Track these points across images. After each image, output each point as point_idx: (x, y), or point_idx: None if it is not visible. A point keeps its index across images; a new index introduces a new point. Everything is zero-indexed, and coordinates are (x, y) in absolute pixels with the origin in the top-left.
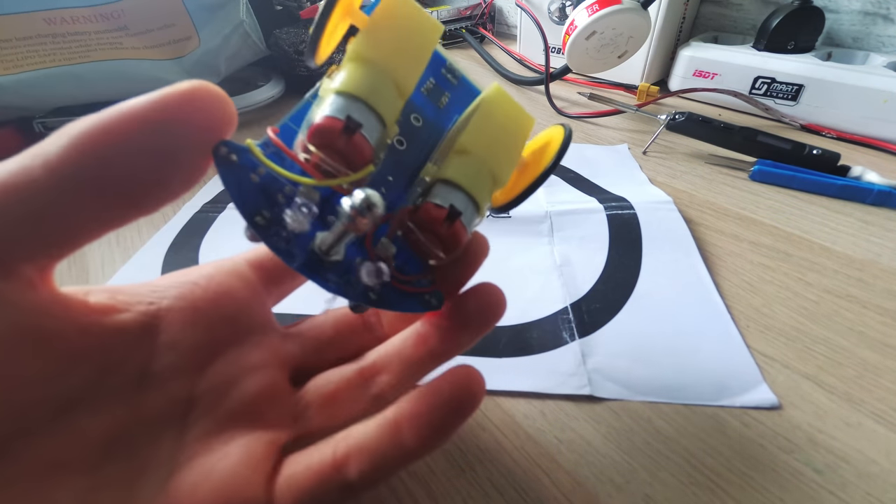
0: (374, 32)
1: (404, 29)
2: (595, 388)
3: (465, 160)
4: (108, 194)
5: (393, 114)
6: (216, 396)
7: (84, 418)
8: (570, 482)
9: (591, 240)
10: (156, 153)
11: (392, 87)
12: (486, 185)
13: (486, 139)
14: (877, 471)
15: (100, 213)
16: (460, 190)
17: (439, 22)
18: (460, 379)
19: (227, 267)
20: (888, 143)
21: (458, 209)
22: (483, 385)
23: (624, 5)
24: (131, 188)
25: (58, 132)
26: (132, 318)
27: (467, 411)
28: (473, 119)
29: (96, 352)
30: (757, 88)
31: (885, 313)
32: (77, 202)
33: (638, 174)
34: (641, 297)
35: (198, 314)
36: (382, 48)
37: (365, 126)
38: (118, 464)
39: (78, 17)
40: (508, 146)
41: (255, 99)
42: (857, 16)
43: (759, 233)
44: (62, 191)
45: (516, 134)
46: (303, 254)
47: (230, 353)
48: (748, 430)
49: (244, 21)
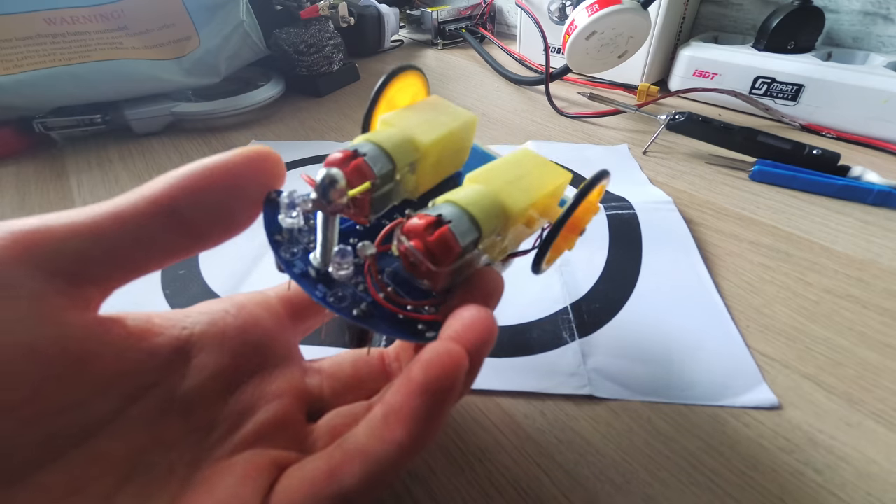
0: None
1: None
2: (595, 388)
3: (470, 186)
4: (188, 229)
5: (406, 159)
6: (233, 424)
7: (106, 443)
8: (570, 482)
9: (591, 240)
10: (235, 196)
11: (409, 142)
12: (491, 210)
13: (499, 175)
14: (877, 471)
15: (174, 244)
16: (457, 206)
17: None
18: (433, 361)
19: (258, 299)
20: (888, 143)
21: (446, 218)
22: (463, 361)
23: (624, 5)
24: (205, 226)
25: (164, 175)
26: (166, 343)
27: (447, 394)
28: (491, 162)
29: (129, 376)
30: (757, 88)
31: (885, 313)
32: (161, 231)
33: (638, 174)
34: (641, 297)
35: (227, 341)
36: (405, 119)
37: (369, 156)
38: (132, 489)
39: (78, 17)
40: (522, 184)
41: (255, 99)
42: (857, 16)
43: (759, 233)
44: (155, 219)
45: (537, 179)
46: (303, 266)
47: (253, 382)
48: (748, 430)
49: (244, 21)
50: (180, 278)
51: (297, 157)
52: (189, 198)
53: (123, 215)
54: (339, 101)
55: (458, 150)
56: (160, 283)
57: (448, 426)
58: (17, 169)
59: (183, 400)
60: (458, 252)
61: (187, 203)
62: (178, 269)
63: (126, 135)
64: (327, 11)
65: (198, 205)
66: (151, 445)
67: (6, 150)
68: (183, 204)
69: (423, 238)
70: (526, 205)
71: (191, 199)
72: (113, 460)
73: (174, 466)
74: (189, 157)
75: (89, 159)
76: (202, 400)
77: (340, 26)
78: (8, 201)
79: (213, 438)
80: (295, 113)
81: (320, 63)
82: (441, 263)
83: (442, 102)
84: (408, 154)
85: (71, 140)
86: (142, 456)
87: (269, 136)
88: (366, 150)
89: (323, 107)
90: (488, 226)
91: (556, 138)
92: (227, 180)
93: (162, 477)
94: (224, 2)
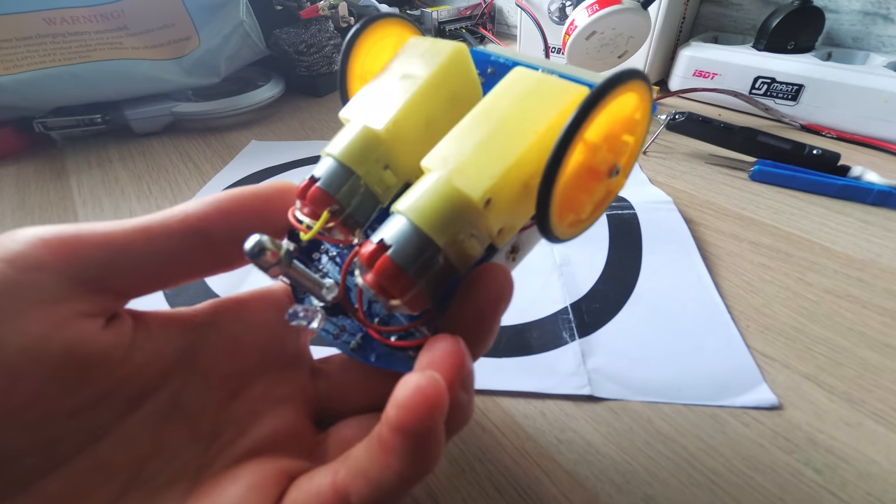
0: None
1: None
2: (595, 388)
3: (422, 179)
4: (215, 252)
5: (374, 164)
6: (239, 430)
7: (110, 449)
8: (570, 482)
9: (591, 240)
10: (263, 222)
11: (366, 136)
12: (446, 205)
13: (467, 136)
14: (877, 471)
15: (199, 265)
16: (402, 217)
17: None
18: (406, 404)
19: (265, 296)
20: (888, 143)
21: (387, 242)
22: (436, 400)
23: (624, 5)
24: (232, 251)
25: (198, 199)
26: (172, 345)
27: (426, 434)
28: (452, 130)
29: (131, 380)
30: (757, 88)
31: (885, 313)
32: (194, 252)
33: (638, 174)
34: (641, 297)
35: (233, 343)
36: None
37: (322, 179)
38: (136, 497)
39: (78, 17)
40: (499, 143)
41: (255, 99)
42: (857, 16)
43: (759, 233)
44: (186, 237)
45: (529, 117)
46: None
47: (258, 385)
48: (748, 430)
49: (244, 21)
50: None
51: (297, 157)
52: (222, 223)
53: (153, 231)
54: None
55: (454, 98)
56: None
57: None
58: (17, 169)
59: (187, 405)
60: (408, 280)
61: (220, 228)
62: None
63: (126, 135)
64: (327, 11)
65: (229, 230)
66: (155, 453)
67: (6, 150)
68: (215, 228)
69: (374, 274)
70: (495, 180)
71: (223, 224)
72: (116, 468)
73: (179, 475)
74: (189, 157)
75: (89, 159)
76: (206, 405)
77: (340, 26)
78: (8, 201)
79: (218, 446)
80: (295, 113)
81: (320, 63)
82: (395, 295)
83: (415, 46)
84: (369, 152)
85: (71, 140)
86: (145, 464)
87: (269, 136)
88: (320, 171)
89: (323, 107)
90: (449, 230)
91: None
92: (259, 210)
93: (166, 485)
94: (224, 2)
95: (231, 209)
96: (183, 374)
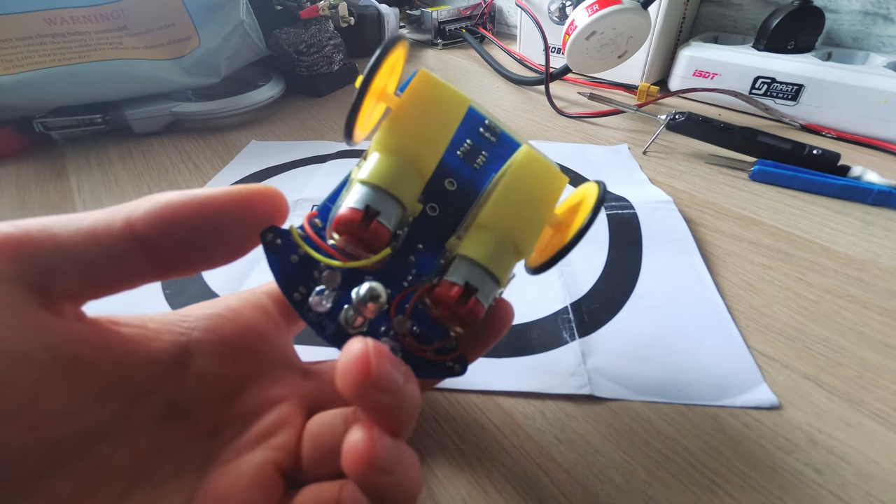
0: (398, 120)
1: (428, 113)
2: (595, 388)
3: (485, 235)
4: (160, 258)
5: (413, 195)
6: (239, 428)
7: (111, 449)
8: (570, 482)
9: (591, 240)
10: (210, 235)
11: (413, 172)
12: (507, 257)
13: (509, 211)
14: (877, 471)
15: (146, 270)
16: (478, 266)
17: (465, 96)
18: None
19: (252, 300)
20: (888, 143)
21: (473, 286)
22: (367, 350)
23: (624, 5)
24: (174, 260)
25: (147, 197)
26: (163, 349)
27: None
28: (496, 191)
29: (127, 382)
30: (757, 88)
31: (885, 313)
32: (134, 257)
33: (638, 174)
34: (641, 297)
35: (225, 348)
36: (404, 136)
37: (383, 213)
38: (141, 493)
39: (78, 17)
40: (533, 216)
41: (255, 99)
42: (857, 16)
43: (759, 233)
44: (129, 245)
45: (543, 199)
46: (332, 325)
47: (254, 387)
48: (748, 430)
49: (244, 21)
50: (181, 284)
51: (296, 157)
52: (160, 230)
53: (98, 235)
54: (338, 101)
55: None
56: (160, 283)
57: (448, 426)
58: (17, 169)
59: (185, 406)
60: (485, 313)
61: (159, 235)
62: None
63: (126, 135)
64: (327, 11)
65: (169, 239)
66: (157, 452)
67: (6, 150)
68: (154, 236)
69: (454, 309)
70: (537, 240)
71: (162, 231)
72: (119, 467)
73: (183, 472)
74: (189, 157)
75: (89, 159)
76: (205, 406)
77: (340, 26)
78: (8, 201)
79: (219, 443)
80: (295, 113)
81: (320, 63)
82: (470, 326)
83: (430, 94)
84: (413, 186)
85: (71, 140)
86: (148, 462)
87: (269, 136)
88: (377, 205)
89: (323, 107)
90: (506, 275)
91: (556, 138)
92: (204, 218)
93: (171, 482)
94: (224, 2)
95: (170, 218)
96: (177, 376)
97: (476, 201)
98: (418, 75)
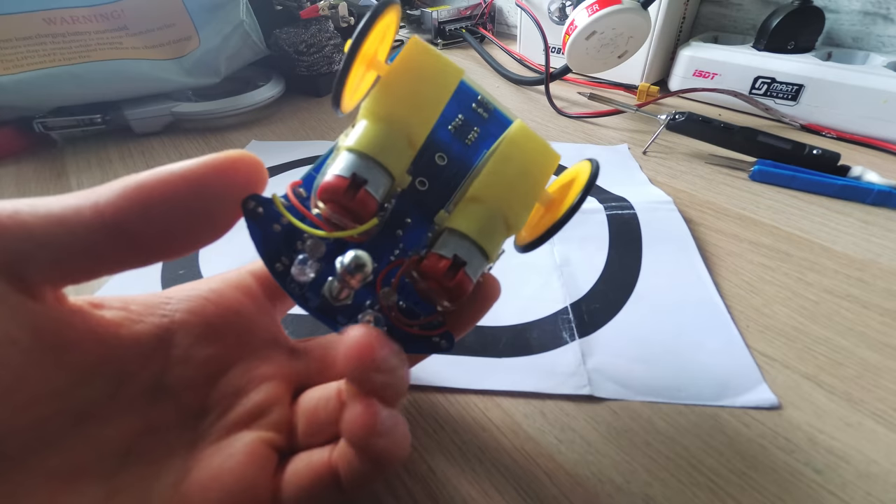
0: (388, 87)
1: (419, 81)
2: (595, 388)
3: (475, 208)
4: (140, 244)
5: (402, 166)
6: (226, 406)
7: (100, 428)
8: (570, 482)
9: (591, 240)
10: (193, 212)
11: (403, 141)
12: (497, 232)
13: (501, 185)
14: (877, 471)
15: (125, 257)
16: (467, 239)
17: (458, 66)
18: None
19: (234, 281)
20: (888, 143)
21: (462, 259)
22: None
23: (624, 5)
24: (162, 241)
25: (116, 180)
26: (146, 331)
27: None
28: (488, 165)
29: (112, 363)
30: (757, 88)
31: (885, 313)
32: (109, 245)
33: (638, 174)
34: (641, 297)
35: (209, 329)
36: (394, 103)
37: (371, 182)
38: (134, 470)
39: (78, 17)
40: (525, 191)
41: (255, 99)
42: (857, 16)
43: (759, 233)
44: (102, 233)
45: (536, 176)
46: (316, 298)
47: (240, 367)
48: (748, 430)
49: (244, 21)
50: (180, 278)
51: (296, 157)
52: (136, 214)
53: (68, 223)
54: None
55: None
56: (160, 280)
57: (448, 426)
58: (17, 169)
59: (171, 387)
60: (473, 287)
61: (135, 219)
62: (178, 269)
63: (126, 135)
64: (327, 11)
65: (147, 222)
66: (147, 431)
67: (6, 150)
68: (129, 220)
69: (442, 282)
70: (528, 215)
71: (139, 215)
72: (110, 444)
73: (173, 448)
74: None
75: (89, 159)
76: (190, 386)
77: (340, 26)
78: None
79: (209, 421)
80: (295, 113)
81: (320, 63)
82: (458, 300)
83: (423, 61)
84: (403, 155)
85: (71, 140)
86: (138, 439)
87: (269, 136)
88: (365, 173)
89: (323, 107)
90: (496, 250)
91: (556, 138)
92: (185, 194)
93: (162, 458)
94: (224, 2)
95: (145, 198)
96: (161, 358)
97: (467, 177)
98: (410, 41)
